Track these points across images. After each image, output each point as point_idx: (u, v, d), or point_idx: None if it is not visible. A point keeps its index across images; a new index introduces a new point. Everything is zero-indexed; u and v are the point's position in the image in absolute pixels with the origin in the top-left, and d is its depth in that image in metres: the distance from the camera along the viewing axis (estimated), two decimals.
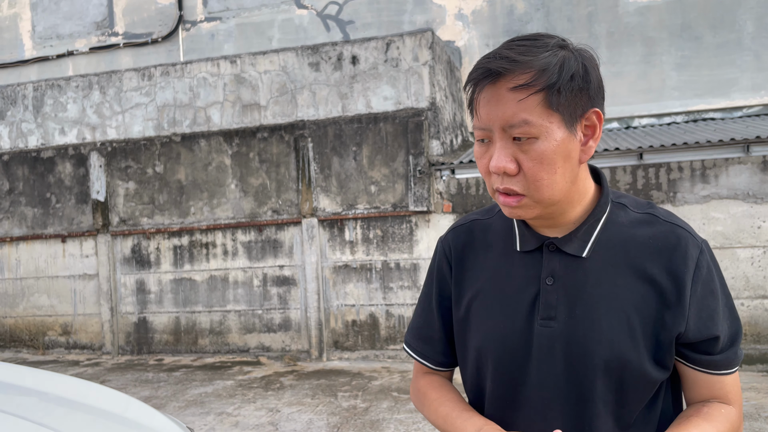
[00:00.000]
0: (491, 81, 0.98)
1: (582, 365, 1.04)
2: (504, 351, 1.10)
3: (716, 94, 8.12)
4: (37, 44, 10.80)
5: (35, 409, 2.07)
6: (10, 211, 8.24)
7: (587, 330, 1.04)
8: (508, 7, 8.77)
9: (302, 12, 9.57)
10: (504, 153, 0.99)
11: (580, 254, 1.06)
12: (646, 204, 1.11)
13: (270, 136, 7.34)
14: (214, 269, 7.56)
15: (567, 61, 0.98)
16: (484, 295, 1.14)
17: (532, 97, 0.95)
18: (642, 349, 1.02)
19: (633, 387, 1.04)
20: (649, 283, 1.03)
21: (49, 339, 8.20)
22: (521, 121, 0.96)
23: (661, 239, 1.05)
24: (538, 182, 0.98)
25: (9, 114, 8.28)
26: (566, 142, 0.98)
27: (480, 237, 1.19)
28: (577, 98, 0.98)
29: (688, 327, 1.03)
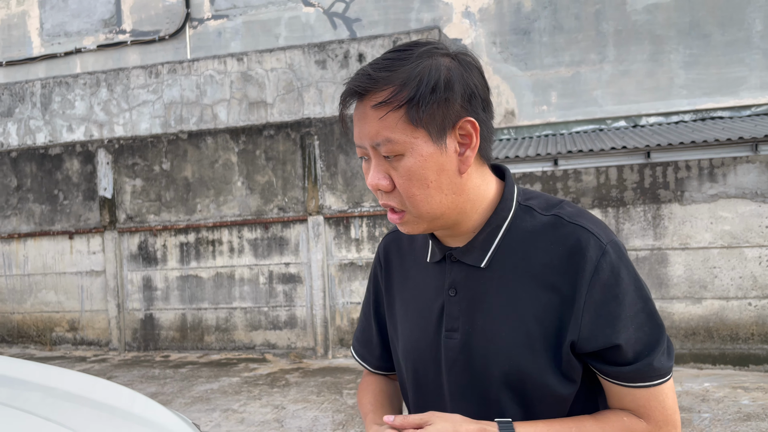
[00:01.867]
0: (358, 99, 0.97)
1: (484, 378, 1.02)
2: (419, 362, 1.10)
3: (724, 93, 8.07)
4: (45, 42, 10.84)
5: (42, 405, 2.08)
6: (18, 207, 8.29)
7: (487, 342, 1.01)
8: (516, 4, 8.74)
9: (309, 10, 9.57)
10: (377, 170, 0.97)
11: (478, 264, 1.03)
12: (556, 204, 1.05)
13: (276, 133, 7.35)
14: (220, 266, 7.58)
15: (428, 73, 0.93)
16: (405, 305, 1.14)
17: (392, 114, 0.93)
18: (543, 361, 0.98)
19: (539, 400, 1.00)
20: (550, 291, 0.98)
21: (57, 335, 8.24)
22: (384, 139, 0.94)
23: (560, 243, 0.99)
24: (412, 198, 0.96)
25: (17, 111, 8.32)
26: (436, 156, 0.95)
27: (406, 245, 1.19)
28: (442, 110, 0.94)
29: (581, 335, 0.97)
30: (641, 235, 6.09)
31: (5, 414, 1.95)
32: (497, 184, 1.06)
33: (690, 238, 5.98)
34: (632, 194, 6.13)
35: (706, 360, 5.95)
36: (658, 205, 6.07)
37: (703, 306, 5.95)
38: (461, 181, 0.99)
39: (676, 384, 5.39)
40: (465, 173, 0.99)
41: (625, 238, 6.13)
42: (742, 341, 5.87)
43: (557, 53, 8.54)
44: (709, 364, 5.94)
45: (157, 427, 2.13)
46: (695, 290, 5.97)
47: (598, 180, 6.23)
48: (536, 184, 6.52)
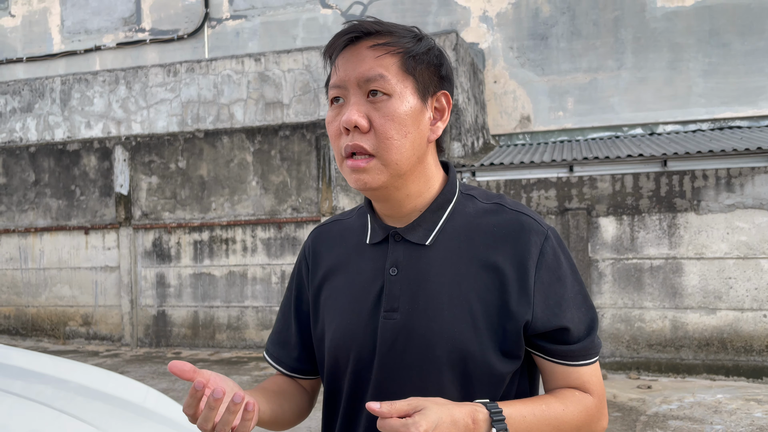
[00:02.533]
0: (352, 42, 1.00)
1: (425, 358, 1.00)
2: (354, 348, 1.05)
3: (743, 102, 8.01)
4: (65, 38, 10.97)
5: (56, 397, 2.10)
6: (35, 202, 8.38)
7: (429, 321, 1.00)
8: (533, 10, 8.72)
9: (327, 11, 9.61)
10: (356, 109, 0.98)
11: (423, 242, 1.04)
12: (496, 195, 1.10)
13: (292, 134, 7.38)
14: (233, 265, 7.62)
15: (426, 37, 1.03)
16: (336, 294, 1.11)
17: (390, 57, 0.98)
18: (485, 339, 0.99)
19: (479, 380, 1.00)
20: (493, 272, 1.00)
21: (70, 329, 8.32)
22: (377, 75, 0.97)
23: (504, 227, 1.03)
24: (388, 140, 0.97)
25: (37, 107, 8.42)
26: (417, 110, 0.99)
27: (336, 236, 1.17)
28: (431, 72, 1.01)
29: (534, 315, 1.00)
30: (656, 243, 6.05)
31: (20, 405, 1.98)
32: (443, 175, 1.10)
33: (705, 248, 5.93)
34: (648, 202, 6.09)
35: (719, 371, 5.90)
36: (673, 214, 6.02)
37: (717, 317, 5.90)
38: (426, 150, 1.03)
39: (688, 394, 5.35)
40: (431, 144, 1.04)
41: (639, 246, 6.09)
42: (756, 353, 5.81)
43: (574, 59, 8.51)
44: (722, 376, 5.89)
45: (170, 422, 2.15)
46: (710, 301, 5.92)
47: (613, 187, 6.20)
48: (551, 190, 6.50)
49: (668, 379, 5.90)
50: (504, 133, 8.83)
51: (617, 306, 6.14)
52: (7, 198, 8.50)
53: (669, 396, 5.32)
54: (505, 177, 6.67)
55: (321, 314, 1.13)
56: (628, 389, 5.52)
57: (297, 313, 1.20)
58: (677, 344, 5.99)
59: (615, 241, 6.17)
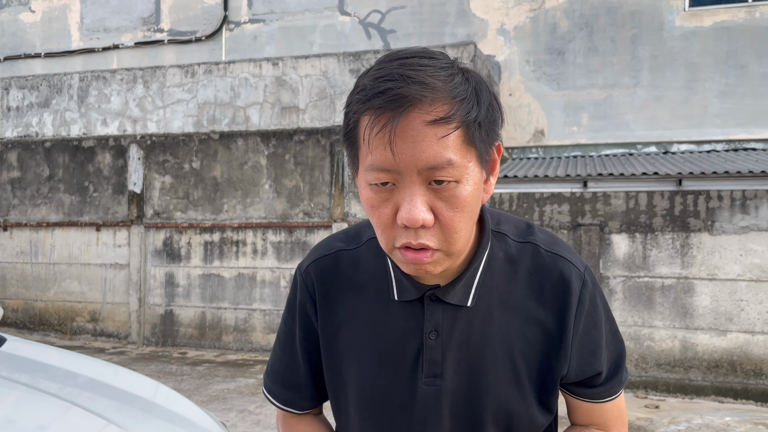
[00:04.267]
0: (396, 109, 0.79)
1: (470, 421, 0.97)
2: (386, 411, 0.99)
3: (759, 124, 7.99)
4: (84, 36, 11.05)
5: (66, 389, 2.11)
6: (48, 197, 8.43)
7: (474, 384, 0.96)
8: (551, 24, 8.74)
9: (345, 19, 9.65)
10: (421, 202, 0.81)
11: (464, 304, 0.94)
12: (526, 229, 1.00)
13: (306, 139, 7.40)
14: (242, 267, 7.63)
15: (480, 88, 0.83)
16: (356, 345, 1.00)
17: (454, 134, 0.79)
18: (528, 395, 0.97)
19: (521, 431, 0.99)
20: (535, 325, 0.96)
21: (77, 325, 8.34)
22: (445, 161, 0.79)
23: (542, 275, 0.96)
24: (456, 234, 0.83)
25: (54, 102, 8.48)
26: (480, 183, 0.85)
27: (348, 273, 1.02)
28: (492, 131, 0.85)
29: (570, 367, 0.98)
30: (668, 263, 6.03)
31: (30, 397, 1.99)
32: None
33: (718, 269, 5.91)
34: (661, 221, 6.08)
35: (727, 394, 5.86)
36: (687, 234, 6.00)
37: (727, 339, 5.87)
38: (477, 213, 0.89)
39: (696, 416, 5.31)
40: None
41: (651, 264, 6.07)
42: (766, 377, 5.77)
43: (591, 75, 8.51)
44: (731, 398, 5.84)
45: (180, 418, 2.15)
46: (720, 322, 5.89)
47: (627, 204, 6.18)
48: (564, 205, 6.49)
49: (676, 400, 5.86)
50: (517, 146, 8.83)
51: (627, 324, 6.11)
52: (20, 192, 8.55)
53: (677, 417, 5.28)
54: (519, 190, 6.67)
55: (338, 363, 1.03)
56: (635, 408, 5.49)
57: (306, 353, 1.07)
58: (686, 365, 5.96)
59: (627, 259, 6.15)
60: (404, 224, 0.82)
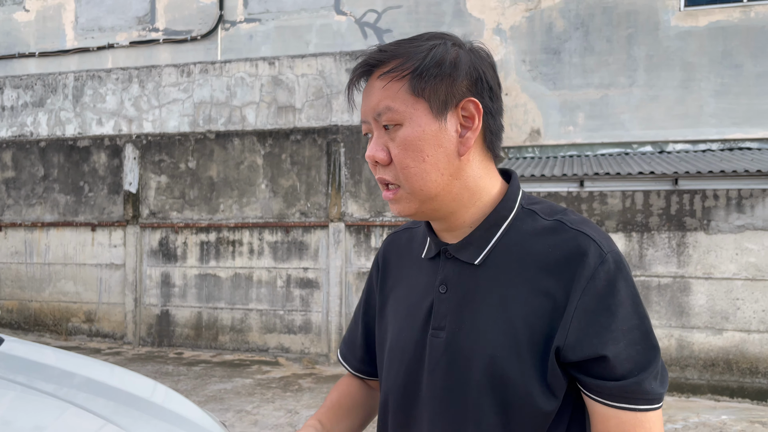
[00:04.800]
0: (368, 75, 0.99)
1: (466, 380, 0.97)
2: (403, 361, 1.06)
3: (754, 124, 8.01)
4: (78, 35, 11.01)
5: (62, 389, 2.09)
6: (43, 197, 8.39)
7: (472, 342, 0.97)
8: (547, 24, 8.75)
9: (341, 18, 9.64)
10: (376, 143, 0.98)
11: (472, 261, 1.00)
12: (560, 211, 1.01)
13: (303, 138, 7.39)
14: (239, 267, 7.61)
15: (435, 49, 0.96)
16: (396, 304, 1.12)
17: (396, 83, 0.95)
18: (528, 368, 0.93)
19: (519, 410, 0.94)
20: (543, 296, 0.94)
21: (73, 325, 8.31)
22: (385, 107, 0.95)
23: (560, 247, 0.95)
24: (406, 170, 0.96)
25: (49, 102, 8.44)
26: (434, 130, 0.95)
27: (404, 245, 1.17)
28: (447, 85, 0.95)
29: (567, 341, 0.92)
30: (664, 261, 6.04)
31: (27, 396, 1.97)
32: (502, 185, 1.04)
33: (714, 268, 5.92)
34: (657, 220, 6.09)
35: (723, 392, 5.88)
36: (683, 233, 6.02)
37: (723, 337, 5.88)
38: (460, 165, 0.98)
39: (693, 414, 5.33)
40: (464, 156, 0.98)
41: (648, 263, 6.08)
42: (761, 375, 5.79)
43: (586, 75, 8.53)
44: (727, 397, 5.86)
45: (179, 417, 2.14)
46: (717, 321, 5.91)
47: (623, 204, 6.19)
48: (560, 204, 6.49)
49: (672, 398, 5.87)
50: (513, 146, 8.84)
51: None
52: (15, 192, 8.51)
53: (674, 415, 5.29)
54: None
55: (384, 323, 1.14)
56: None
57: (364, 317, 1.23)
58: (683, 363, 5.97)
59: None
60: (368, 160, 1.00)
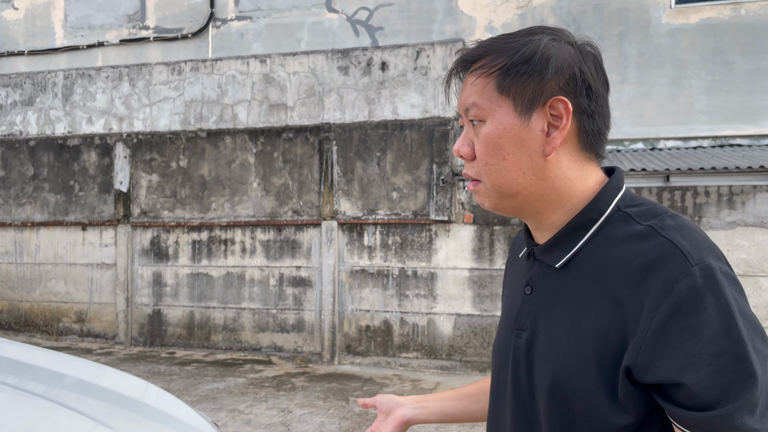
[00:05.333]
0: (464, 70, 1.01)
1: (538, 383, 0.96)
2: (497, 358, 1.08)
3: (745, 121, 8.05)
4: (68, 33, 10.93)
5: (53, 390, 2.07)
6: (33, 196, 8.33)
7: (548, 347, 0.95)
8: (539, 21, 8.76)
9: (332, 16, 9.61)
10: (463, 137, 1.00)
11: (554, 264, 0.98)
12: (659, 214, 0.92)
13: (295, 136, 7.37)
14: (231, 266, 7.58)
15: (528, 45, 0.94)
16: (503, 302, 1.17)
17: (483, 80, 0.95)
18: (594, 380, 0.88)
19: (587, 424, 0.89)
20: (616, 306, 0.88)
21: (63, 325, 8.25)
22: (471, 103, 0.97)
23: (642, 255, 0.87)
24: (486, 167, 0.96)
25: (38, 100, 8.38)
26: (516, 128, 0.94)
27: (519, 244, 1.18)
28: (533, 84, 0.93)
29: (639, 362, 0.84)
30: None
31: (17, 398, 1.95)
32: (596, 186, 0.98)
33: None
34: None
35: None
36: None
37: None
38: (545, 165, 0.95)
39: None
40: (551, 156, 0.94)
41: None
42: None
43: None
44: None
45: (170, 418, 2.12)
46: None
47: None
48: None
49: None
50: None
51: None
52: (4, 191, 8.44)
53: None
54: None
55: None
56: None
57: None
58: None
59: None
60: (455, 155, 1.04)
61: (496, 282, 6.70)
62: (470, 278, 6.77)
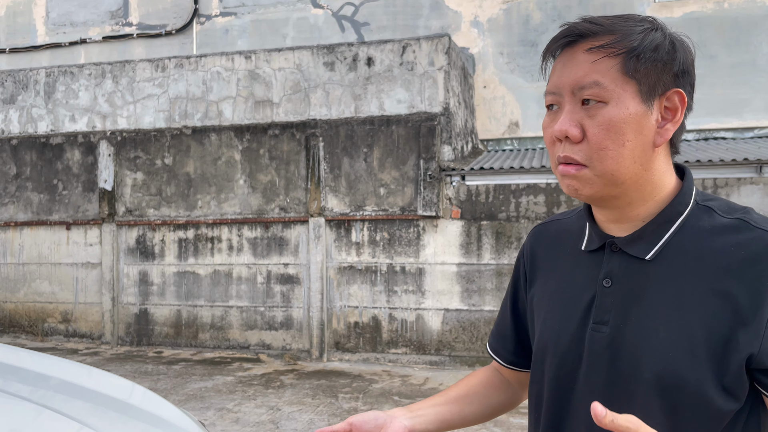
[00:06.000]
0: (570, 44, 0.95)
1: (630, 378, 0.94)
2: (556, 354, 1.04)
3: (728, 114, 8.12)
4: (50, 30, 10.80)
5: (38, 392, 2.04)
6: (16, 195, 8.22)
7: (641, 339, 0.94)
8: (524, 16, 8.77)
9: (317, 11, 9.57)
10: (570, 117, 0.93)
11: (643, 256, 0.96)
12: (741, 209, 0.96)
13: (281, 133, 7.33)
14: (218, 264, 7.54)
15: (653, 32, 0.92)
16: (548, 296, 1.10)
17: (608, 60, 0.91)
18: (705, 370, 0.89)
19: (691, 414, 0.91)
20: (723, 298, 0.90)
21: (49, 326, 8.17)
22: (592, 82, 0.91)
23: (745, 247, 0.90)
24: (602, 151, 0.91)
25: (20, 98, 8.27)
26: (639, 115, 0.91)
27: (554, 237, 1.15)
28: (658, 71, 0.92)
29: (762, 348, 0.87)
30: None
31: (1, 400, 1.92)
32: (677, 181, 1.00)
33: None
34: None
35: None
36: None
37: None
38: (652, 156, 0.94)
39: None
40: (658, 148, 0.94)
41: None
42: None
43: None
44: None
45: (157, 419, 2.10)
46: None
47: None
48: (540, 196, 6.52)
49: None
50: (492, 138, 8.86)
51: None
52: None
53: None
54: (495, 182, 6.69)
55: (535, 316, 1.13)
56: None
57: (513, 309, 1.23)
58: None
59: None
60: (556, 137, 0.95)
61: (484, 277, 6.71)
62: (458, 273, 6.78)
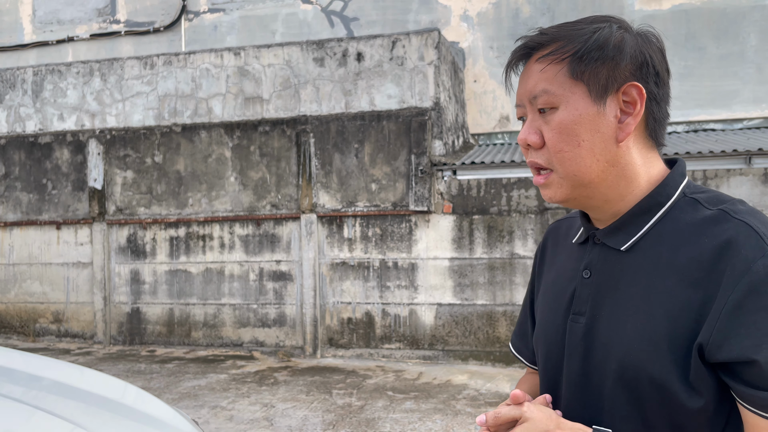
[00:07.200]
0: (524, 56, 0.99)
1: (600, 368, 0.95)
2: (545, 345, 1.07)
3: (717, 105, 8.16)
4: (37, 29, 10.70)
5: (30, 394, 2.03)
6: (5, 196, 8.16)
7: (610, 331, 0.94)
8: (514, 10, 8.77)
9: (306, 7, 9.53)
10: (530, 126, 0.97)
11: (619, 247, 0.97)
12: (728, 200, 0.94)
13: (272, 129, 7.30)
14: (210, 262, 7.51)
15: (599, 31, 0.93)
16: (545, 289, 1.13)
17: (554, 66, 0.93)
18: (666, 363, 0.87)
19: (657, 407, 0.89)
20: (691, 289, 0.87)
21: (40, 326, 8.12)
22: (541, 90, 0.94)
23: (716, 237, 0.88)
24: (560, 153, 0.94)
25: (7, 98, 8.20)
26: (592, 114, 0.93)
27: (563, 233, 1.17)
28: (608, 68, 0.92)
29: (712, 339, 0.84)
30: None
31: None
32: (663, 173, 0.99)
33: None
34: None
35: None
36: None
37: None
38: (617, 151, 0.95)
39: None
40: (623, 143, 0.95)
41: None
42: None
43: None
44: None
45: (150, 418, 2.09)
46: None
47: None
48: (531, 190, 6.53)
49: None
50: (483, 132, 8.86)
51: None
52: None
53: None
54: (486, 176, 6.69)
55: (536, 309, 1.17)
56: None
57: (531, 305, 1.23)
58: None
59: None
60: (520, 144, 1.00)
61: (477, 271, 6.73)
62: (451, 268, 6.79)
